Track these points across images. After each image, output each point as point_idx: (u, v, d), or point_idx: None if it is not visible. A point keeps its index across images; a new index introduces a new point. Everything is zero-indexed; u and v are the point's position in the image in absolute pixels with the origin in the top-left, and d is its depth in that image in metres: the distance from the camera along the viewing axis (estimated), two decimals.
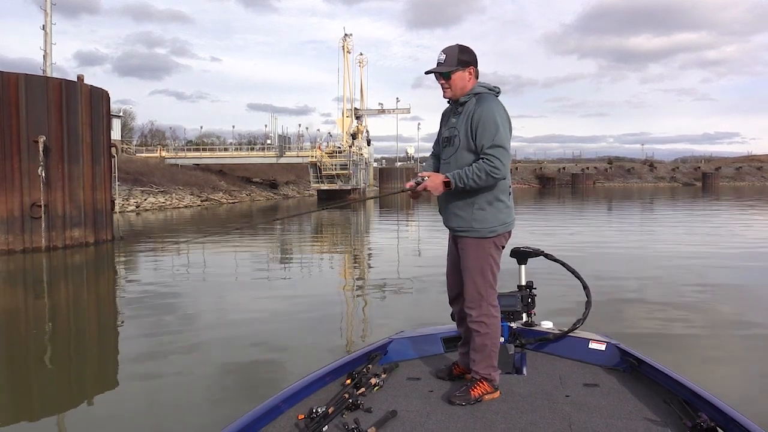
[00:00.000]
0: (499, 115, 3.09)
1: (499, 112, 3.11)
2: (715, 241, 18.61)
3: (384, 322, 8.34)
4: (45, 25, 20.96)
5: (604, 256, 15.22)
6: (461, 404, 3.03)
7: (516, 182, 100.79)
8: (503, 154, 3.04)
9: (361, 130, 66.15)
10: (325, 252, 18.39)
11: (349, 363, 3.49)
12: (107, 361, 7.33)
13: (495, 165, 3.02)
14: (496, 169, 3.02)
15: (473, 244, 3.21)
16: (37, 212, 16.63)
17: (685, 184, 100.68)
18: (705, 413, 2.68)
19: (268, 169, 64.85)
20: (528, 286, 4.04)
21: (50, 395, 5.99)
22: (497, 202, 3.17)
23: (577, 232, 22.41)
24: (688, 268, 13.18)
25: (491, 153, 3.03)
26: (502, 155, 3.03)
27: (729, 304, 9.57)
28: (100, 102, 18.92)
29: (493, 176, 3.03)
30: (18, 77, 16.59)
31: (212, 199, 47.09)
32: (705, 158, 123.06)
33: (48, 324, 9.20)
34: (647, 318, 8.53)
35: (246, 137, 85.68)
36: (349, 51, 64.88)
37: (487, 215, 3.16)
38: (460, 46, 3.21)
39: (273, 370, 6.51)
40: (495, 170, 3.02)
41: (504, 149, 3.04)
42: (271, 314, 9.18)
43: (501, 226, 3.20)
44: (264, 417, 2.75)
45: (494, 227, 3.18)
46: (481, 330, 3.21)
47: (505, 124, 3.12)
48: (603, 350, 3.66)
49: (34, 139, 16.56)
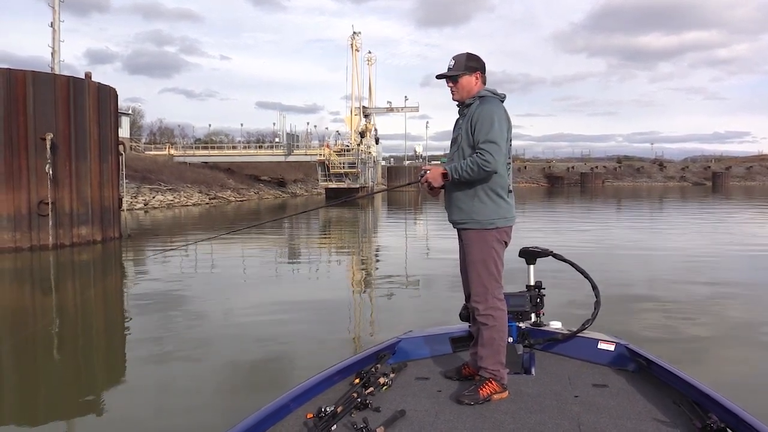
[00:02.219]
0: (497, 115, 3.27)
1: (498, 113, 3.28)
2: (726, 241, 18.48)
3: (392, 322, 8.33)
4: (53, 23, 20.98)
5: (613, 255, 15.12)
6: (470, 404, 3.07)
7: (525, 181, 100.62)
8: (495, 149, 3.20)
9: (370, 128, 66.09)
10: (334, 250, 18.35)
11: (357, 362, 3.51)
12: (115, 359, 7.31)
13: (486, 158, 3.18)
14: (487, 162, 3.19)
15: (475, 236, 3.35)
16: (44, 210, 16.62)
17: (695, 183, 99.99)
18: (715, 414, 2.66)
19: (277, 168, 64.93)
20: (537, 286, 4.04)
21: (57, 394, 5.96)
22: (497, 198, 3.33)
23: (586, 231, 22.31)
24: (699, 268, 13.08)
25: (483, 147, 3.21)
26: (493, 150, 3.19)
27: (740, 304, 9.47)
28: (107, 99, 18.93)
29: (485, 169, 3.20)
30: (26, 74, 16.61)
31: (220, 198, 47.18)
32: (715, 158, 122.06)
33: (55, 322, 9.17)
34: (657, 318, 8.47)
35: (254, 135, 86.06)
36: (358, 49, 64.80)
37: (487, 208, 3.32)
38: (468, 54, 3.46)
39: (281, 369, 6.50)
40: (486, 163, 3.19)
41: (496, 145, 3.21)
42: (280, 313, 9.15)
43: (500, 220, 3.34)
44: (273, 416, 2.77)
45: (493, 219, 3.33)
46: (489, 323, 3.31)
47: (502, 124, 3.27)
48: (612, 350, 3.66)
49: (41, 136, 16.53)
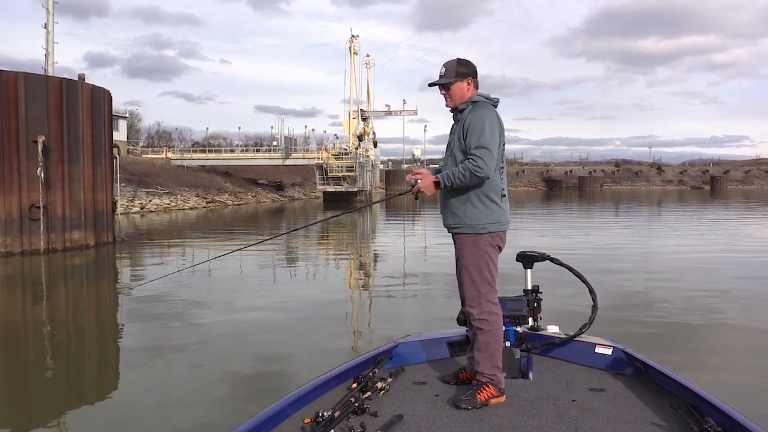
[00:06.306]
0: (489, 120, 3.24)
1: (490, 118, 3.26)
2: (725, 244, 18.40)
3: (390, 326, 8.30)
4: (47, 24, 20.82)
5: (610, 259, 15.03)
6: (467, 408, 3.07)
7: (523, 185, 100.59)
8: (486, 154, 3.17)
9: (368, 131, 66.05)
10: (331, 254, 18.22)
11: (355, 367, 3.51)
12: (107, 367, 7.16)
13: (478, 164, 3.16)
14: (478, 168, 3.16)
15: (468, 240, 3.33)
16: (35, 214, 16.41)
17: (693, 187, 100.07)
18: (712, 418, 2.66)
19: (274, 171, 64.86)
20: (534, 290, 4.02)
21: (49, 402, 5.82)
22: (490, 202, 3.31)
23: (583, 234, 22.20)
24: (697, 271, 13.03)
25: (475, 153, 3.18)
26: (485, 155, 3.17)
27: (738, 308, 9.38)
28: (101, 101, 18.73)
29: (477, 175, 3.18)
30: (17, 75, 16.39)
31: (218, 201, 47.02)
32: (713, 161, 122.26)
33: (46, 328, 9.00)
34: (654, 322, 8.44)
35: (252, 139, 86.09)
36: (356, 52, 64.80)
37: (480, 213, 3.30)
38: (458, 60, 3.45)
39: (279, 373, 6.48)
40: (478, 169, 3.16)
41: (488, 150, 3.18)
42: (277, 318, 9.06)
43: (493, 224, 3.31)
44: (270, 420, 2.77)
45: (486, 224, 3.30)
46: (484, 327, 3.29)
47: (494, 129, 3.24)
48: (609, 355, 3.66)
49: (33, 138, 16.33)
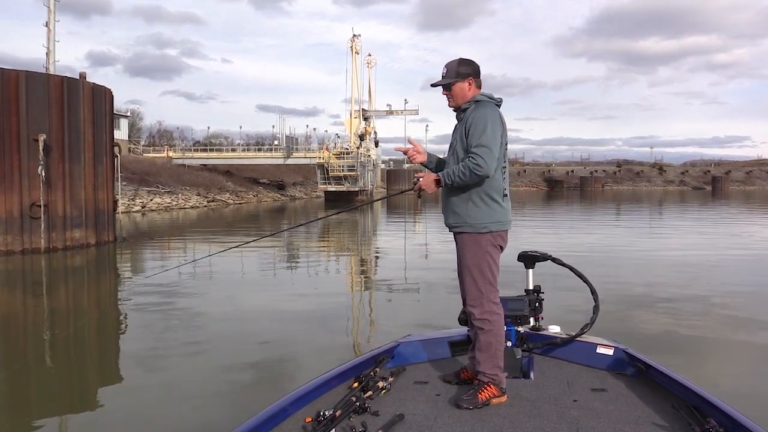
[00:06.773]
0: (491, 119, 3.25)
1: (492, 117, 3.26)
2: (726, 245, 18.34)
3: (391, 326, 8.27)
4: (48, 22, 20.79)
5: (612, 259, 15.00)
6: (468, 408, 3.08)
7: (524, 185, 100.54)
8: (486, 153, 3.18)
9: (369, 131, 66.00)
10: (333, 254, 18.18)
11: (356, 366, 3.52)
12: (108, 366, 7.12)
13: (477, 162, 3.17)
14: (478, 166, 3.16)
15: (469, 240, 3.33)
16: (36, 212, 16.36)
17: (694, 188, 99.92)
18: (714, 419, 2.66)
19: (276, 170, 64.83)
20: (535, 290, 4.02)
21: (49, 402, 5.79)
22: (492, 201, 3.31)
23: (585, 234, 22.16)
24: (698, 272, 12.98)
25: (475, 152, 3.19)
26: (485, 154, 3.17)
27: (740, 308, 9.34)
28: (102, 100, 18.69)
29: (476, 173, 3.18)
30: (18, 74, 16.34)
31: (219, 200, 47.00)
32: (715, 162, 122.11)
33: (47, 327, 8.96)
34: (656, 322, 8.40)
35: (254, 138, 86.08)
36: (358, 52, 64.80)
37: (481, 212, 3.30)
38: (460, 60, 3.47)
39: (280, 373, 6.46)
40: (477, 167, 3.17)
41: (488, 149, 3.18)
42: (278, 317, 9.03)
43: (494, 224, 3.32)
44: (271, 419, 2.78)
45: (487, 224, 3.30)
46: (485, 327, 3.29)
47: (495, 128, 3.24)
48: (611, 355, 3.66)
49: (34, 137, 16.28)
